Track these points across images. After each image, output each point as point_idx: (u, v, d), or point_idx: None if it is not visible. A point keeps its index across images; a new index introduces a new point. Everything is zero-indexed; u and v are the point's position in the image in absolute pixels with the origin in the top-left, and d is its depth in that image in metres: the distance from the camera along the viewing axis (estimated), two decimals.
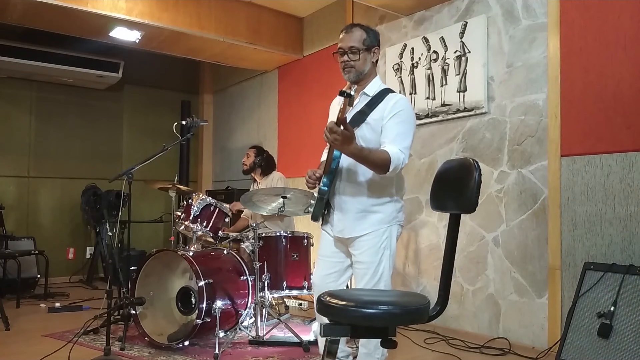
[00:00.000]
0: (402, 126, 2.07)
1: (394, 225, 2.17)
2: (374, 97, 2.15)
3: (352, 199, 2.15)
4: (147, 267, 3.28)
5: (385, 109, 2.10)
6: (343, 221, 2.18)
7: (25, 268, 4.71)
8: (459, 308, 3.52)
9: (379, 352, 2.14)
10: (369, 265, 2.12)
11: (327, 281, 2.24)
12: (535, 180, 3.15)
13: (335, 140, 1.87)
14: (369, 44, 2.17)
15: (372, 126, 2.11)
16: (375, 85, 2.20)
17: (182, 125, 3.57)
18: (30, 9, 3.89)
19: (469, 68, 3.51)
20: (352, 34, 2.16)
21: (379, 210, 2.14)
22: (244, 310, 3.34)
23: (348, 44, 2.14)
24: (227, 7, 4.58)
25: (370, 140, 2.10)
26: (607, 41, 2.82)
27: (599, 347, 2.52)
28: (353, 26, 2.20)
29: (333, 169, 2.14)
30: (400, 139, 2.04)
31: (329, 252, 2.28)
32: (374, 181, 2.13)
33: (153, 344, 3.12)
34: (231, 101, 6.34)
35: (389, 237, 2.15)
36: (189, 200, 3.60)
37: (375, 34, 2.22)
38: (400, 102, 2.11)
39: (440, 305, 1.58)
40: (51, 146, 5.85)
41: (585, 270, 2.75)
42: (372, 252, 2.12)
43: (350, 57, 2.14)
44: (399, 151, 2.00)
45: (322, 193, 2.15)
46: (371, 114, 2.12)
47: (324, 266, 2.28)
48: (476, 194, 1.54)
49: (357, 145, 1.95)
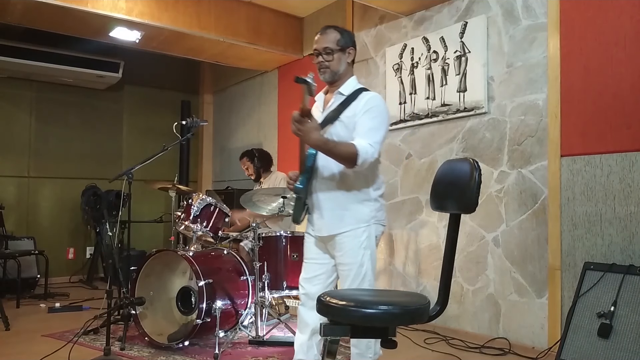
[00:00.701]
0: (374, 121, 2.07)
1: (372, 224, 2.15)
2: (349, 96, 2.17)
3: (329, 198, 2.16)
4: (147, 267, 3.28)
5: (358, 106, 2.11)
6: (321, 220, 2.19)
7: (25, 268, 4.72)
8: (459, 308, 3.52)
9: (370, 351, 2.13)
10: (351, 266, 2.12)
11: (314, 283, 2.23)
12: (535, 180, 3.14)
13: (299, 131, 1.94)
14: (343, 45, 2.18)
15: (346, 124, 2.12)
16: (351, 84, 2.21)
17: (182, 125, 3.57)
18: (30, 9, 3.89)
19: (469, 68, 3.51)
20: (326, 36, 2.18)
21: (355, 209, 2.14)
22: (244, 310, 3.35)
23: (322, 45, 2.17)
24: (227, 7, 4.58)
25: (343, 137, 2.10)
26: (607, 41, 2.82)
27: (599, 347, 2.52)
28: (327, 28, 2.21)
29: (308, 167, 2.15)
30: (371, 133, 2.04)
31: (314, 254, 2.26)
32: (350, 180, 2.13)
33: (153, 344, 3.12)
34: (231, 101, 6.34)
35: (368, 237, 2.14)
36: (189, 200, 3.60)
37: (349, 35, 2.23)
38: (373, 99, 2.13)
39: (440, 305, 1.58)
40: (51, 146, 5.86)
41: (585, 270, 2.74)
42: (352, 253, 2.12)
43: (325, 57, 2.16)
44: (368, 145, 2.00)
45: (298, 192, 2.15)
46: (344, 112, 2.13)
47: (310, 269, 2.26)
48: (476, 194, 1.54)
49: (321, 136, 1.97)
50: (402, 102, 3.98)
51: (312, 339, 2.23)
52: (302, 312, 2.26)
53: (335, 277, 2.27)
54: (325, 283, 2.23)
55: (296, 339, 2.29)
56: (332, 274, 2.25)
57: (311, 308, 2.20)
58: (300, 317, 2.28)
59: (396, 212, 4.02)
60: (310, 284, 2.24)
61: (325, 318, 1.53)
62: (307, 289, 2.24)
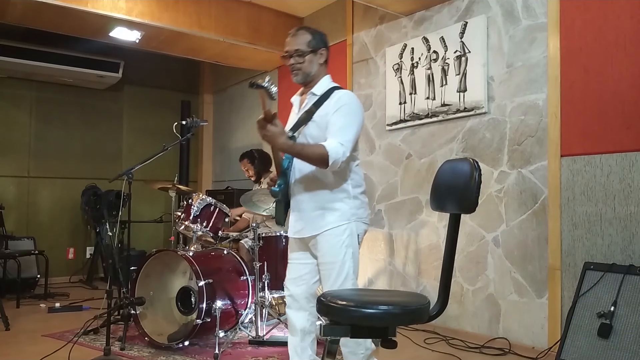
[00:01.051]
0: (345, 119, 2.06)
1: (353, 222, 2.13)
2: (322, 96, 2.16)
3: (308, 198, 2.14)
4: (147, 267, 3.28)
5: (330, 104, 2.10)
6: (300, 221, 2.17)
7: (25, 268, 4.72)
8: (459, 308, 3.52)
9: (361, 347, 2.11)
10: (333, 265, 2.09)
11: (299, 284, 2.21)
12: (535, 180, 3.14)
13: (264, 136, 1.97)
14: (314, 46, 2.17)
15: (318, 123, 2.11)
16: (324, 84, 2.20)
17: (182, 125, 3.57)
18: (30, 9, 3.89)
19: (469, 68, 3.51)
20: (297, 38, 2.17)
21: (336, 207, 2.12)
22: (244, 310, 3.35)
23: (293, 47, 2.16)
24: (227, 7, 4.57)
25: (317, 137, 2.09)
26: (607, 41, 2.82)
27: (599, 347, 2.52)
28: (298, 29, 2.20)
29: (285, 169, 2.14)
30: (342, 132, 2.02)
31: (297, 255, 2.25)
32: (327, 179, 2.12)
33: (153, 344, 3.12)
34: (231, 101, 6.34)
35: (350, 234, 2.11)
36: (189, 200, 3.61)
37: (321, 36, 2.21)
38: (344, 97, 2.11)
39: (440, 305, 1.58)
40: (51, 146, 5.86)
41: (585, 270, 2.74)
42: (334, 251, 2.09)
43: (296, 59, 2.15)
44: (338, 144, 1.98)
45: (274, 194, 2.14)
46: (317, 112, 2.12)
47: (294, 269, 2.25)
48: (476, 194, 1.54)
49: (286, 141, 1.97)
50: (402, 102, 3.98)
51: (305, 340, 2.22)
52: (289, 314, 2.25)
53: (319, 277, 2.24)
54: (309, 283, 2.22)
55: (289, 343, 2.28)
56: (316, 274, 2.23)
57: (298, 309, 2.21)
58: (289, 321, 2.27)
59: (396, 212, 4.02)
60: (294, 285, 2.23)
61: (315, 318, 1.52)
62: (292, 290, 2.23)
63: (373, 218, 4.22)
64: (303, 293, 2.22)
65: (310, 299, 2.21)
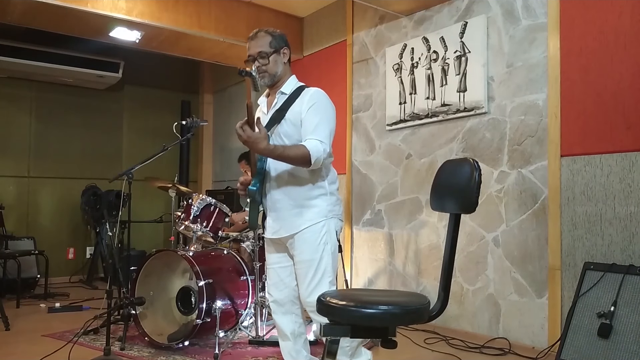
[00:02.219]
0: (319, 116, 2.06)
1: (331, 218, 2.12)
2: (292, 95, 2.16)
3: (284, 197, 2.13)
4: (147, 267, 3.28)
5: (303, 102, 2.10)
6: (278, 221, 2.15)
7: (25, 268, 4.72)
8: (459, 308, 3.52)
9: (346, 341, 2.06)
10: (310, 263, 2.07)
11: (281, 288, 2.19)
12: (535, 180, 3.14)
13: (245, 142, 1.91)
14: (276, 46, 2.17)
15: (292, 121, 2.11)
16: (291, 83, 2.20)
17: (182, 125, 3.57)
18: (30, 9, 3.89)
19: (469, 68, 3.51)
20: (257, 40, 2.16)
21: (313, 204, 2.11)
22: (244, 310, 3.34)
23: (256, 50, 2.15)
24: (227, 7, 4.57)
25: (291, 135, 2.09)
26: (607, 41, 2.82)
27: (599, 347, 2.52)
28: (257, 32, 2.19)
29: (261, 169, 2.12)
30: (318, 129, 2.03)
31: (275, 258, 2.22)
32: (303, 176, 2.11)
33: (153, 344, 3.12)
34: (231, 101, 6.34)
35: (327, 231, 2.10)
36: (189, 200, 3.60)
37: (280, 35, 2.21)
38: (315, 94, 2.12)
39: (440, 305, 1.58)
40: (51, 146, 5.86)
41: (585, 270, 2.75)
42: (311, 249, 2.07)
43: (261, 62, 2.15)
44: (317, 142, 1.98)
45: (251, 194, 2.11)
46: (289, 110, 2.12)
47: (274, 274, 2.22)
48: (476, 194, 1.54)
49: (269, 145, 1.95)
50: (402, 102, 3.98)
51: (297, 343, 2.20)
52: (276, 320, 2.23)
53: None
54: (291, 286, 2.19)
55: (282, 349, 2.25)
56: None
57: (284, 314, 2.19)
58: (277, 327, 2.25)
59: (396, 212, 4.02)
60: (277, 290, 2.21)
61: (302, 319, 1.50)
62: (275, 295, 2.21)
63: (373, 218, 4.22)
64: (287, 297, 2.19)
65: (295, 301, 2.19)
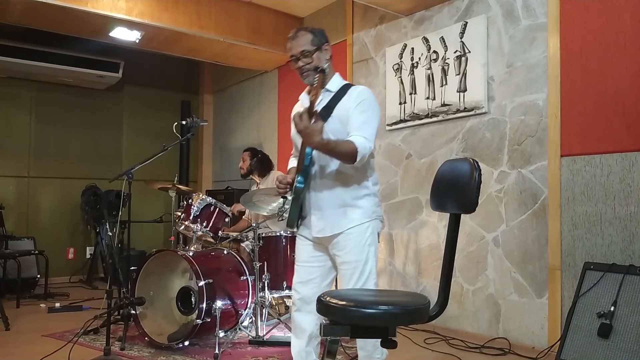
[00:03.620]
0: (366, 114, 2.07)
1: (374, 220, 2.13)
2: (337, 92, 2.16)
3: (330, 195, 2.11)
4: (147, 267, 3.28)
5: (350, 100, 2.11)
6: (323, 219, 2.12)
7: (25, 268, 4.72)
8: (459, 308, 3.52)
9: (378, 352, 2.10)
10: (356, 264, 2.07)
11: (308, 287, 2.17)
12: (535, 180, 3.14)
13: (302, 131, 1.89)
14: (318, 43, 2.16)
15: (340, 118, 2.10)
16: (337, 81, 2.20)
17: (182, 125, 3.57)
18: (30, 9, 3.89)
19: (469, 68, 3.51)
20: (298, 39, 2.16)
21: (358, 204, 2.11)
22: (244, 310, 3.35)
23: (298, 50, 2.14)
24: (227, 7, 4.58)
25: (339, 132, 2.08)
26: (607, 41, 2.82)
27: (599, 347, 2.52)
28: (297, 31, 2.19)
29: (307, 166, 2.09)
30: (365, 127, 2.04)
31: (308, 257, 2.20)
32: (350, 175, 2.11)
33: (153, 344, 3.12)
34: (231, 101, 6.34)
35: (372, 232, 2.11)
36: (189, 200, 3.60)
37: (320, 32, 2.20)
38: (363, 92, 2.12)
39: (440, 305, 1.58)
40: (51, 146, 5.86)
41: (585, 270, 2.75)
42: (357, 250, 2.07)
43: (305, 61, 2.14)
44: (364, 139, 1.99)
45: (298, 191, 2.09)
46: (337, 107, 2.12)
47: (303, 272, 2.20)
48: (476, 194, 1.54)
49: (323, 138, 1.94)
50: (402, 102, 3.98)
51: (310, 345, 2.18)
52: (297, 317, 2.19)
53: (331, 279, 2.22)
54: (320, 286, 2.17)
55: (293, 346, 2.23)
56: (328, 276, 2.20)
57: (308, 312, 2.15)
58: (295, 324, 2.21)
59: (396, 212, 4.02)
60: (305, 287, 2.18)
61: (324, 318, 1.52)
62: (302, 292, 2.18)
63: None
64: (314, 295, 2.16)
65: None
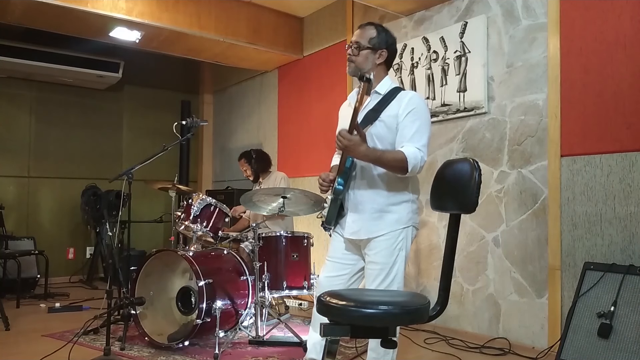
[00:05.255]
0: (418, 123, 2.06)
1: (409, 227, 2.14)
2: (386, 95, 2.15)
3: (368, 199, 2.13)
4: (147, 267, 3.28)
5: (400, 106, 2.09)
6: (358, 222, 2.15)
7: (25, 268, 4.71)
8: (459, 308, 3.52)
9: (388, 356, 2.11)
10: (383, 266, 2.08)
11: (335, 283, 2.19)
12: (535, 180, 3.14)
13: (346, 147, 1.95)
14: (375, 44, 2.17)
15: (387, 123, 2.10)
16: (386, 84, 2.20)
17: (182, 125, 3.57)
18: (30, 9, 3.89)
19: (469, 68, 3.51)
20: (362, 31, 2.20)
21: (395, 210, 2.11)
22: (244, 310, 3.35)
23: (355, 39, 2.19)
24: (227, 7, 4.58)
25: (384, 137, 2.09)
26: (607, 41, 2.82)
27: (599, 347, 2.52)
28: (368, 24, 2.23)
29: (347, 169, 2.12)
30: (417, 136, 2.03)
31: (340, 254, 2.23)
32: (390, 180, 2.11)
33: (153, 344, 3.12)
34: (231, 101, 6.34)
35: (404, 238, 2.11)
36: (189, 200, 3.60)
37: (386, 36, 2.20)
38: (414, 99, 2.11)
39: (440, 305, 1.58)
40: (51, 146, 5.85)
41: (585, 270, 2.75)
42: (387, 253, 2.08)
43: (352, 52, 2.18)
44: (416, 150, 1.99)
45: (337, 193, 2.12)
46: (384, 112, 2.11)
47: (333, 268, 2.23)
48: (476, 194, 1.54)
49: (367, 148, 1.96)
50: None
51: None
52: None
53: (357, 278, 2.24)
54: (346, 284, 2.20)
55: (309, 337, 2.27)
56: (356, 275, 2.22)
57: None
58: (316, 317, 2.22)
59: None
60: (332, 282, 2.19)
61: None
62: (327, 286, 2.18)
63: None
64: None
65: None
